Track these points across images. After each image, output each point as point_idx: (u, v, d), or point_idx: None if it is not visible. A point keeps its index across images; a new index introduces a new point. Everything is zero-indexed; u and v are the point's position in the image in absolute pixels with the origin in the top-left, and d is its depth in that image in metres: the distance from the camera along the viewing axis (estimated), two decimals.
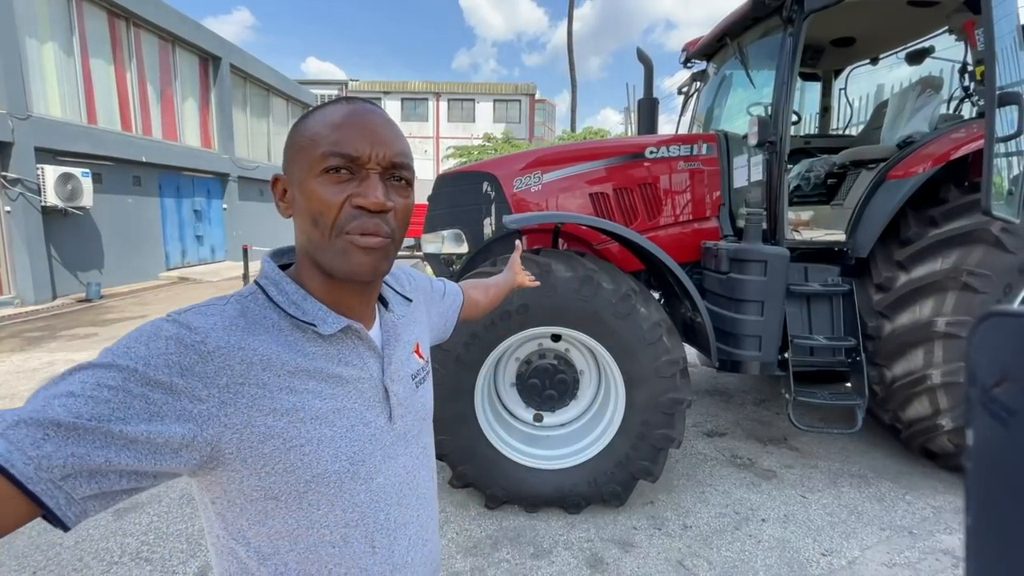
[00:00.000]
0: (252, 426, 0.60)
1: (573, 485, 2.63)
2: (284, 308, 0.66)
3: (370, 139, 0.64)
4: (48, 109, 8.62)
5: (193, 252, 12.62)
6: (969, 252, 2.72)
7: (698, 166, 3.21)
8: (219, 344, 0.59)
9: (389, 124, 0.67)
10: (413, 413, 0.78)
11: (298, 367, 0.64)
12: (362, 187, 0.64)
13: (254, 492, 0.63)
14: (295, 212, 0.67)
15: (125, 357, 0.54)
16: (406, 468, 0.76)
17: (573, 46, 21.46)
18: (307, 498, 0.65)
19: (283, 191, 0.69)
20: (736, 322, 2.77)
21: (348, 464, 0.67)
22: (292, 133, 0.68)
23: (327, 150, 0.63)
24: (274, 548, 0.66)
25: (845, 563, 2.36)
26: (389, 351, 0.75)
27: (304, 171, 0.65)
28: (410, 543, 0.76)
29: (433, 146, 28.88)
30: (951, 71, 3.69)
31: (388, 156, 0.65)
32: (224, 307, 0.63)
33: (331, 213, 0.63)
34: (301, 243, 0.68)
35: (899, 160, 3.04)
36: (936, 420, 2.81)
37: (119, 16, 10.07)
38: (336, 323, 0.67)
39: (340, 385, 0.68)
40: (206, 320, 0.60)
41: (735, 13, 3.32)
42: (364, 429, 0.69)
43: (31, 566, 2.32)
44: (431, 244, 3.34)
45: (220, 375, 0.58)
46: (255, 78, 14.84)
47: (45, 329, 6.87)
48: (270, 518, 0.64)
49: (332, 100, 0.68)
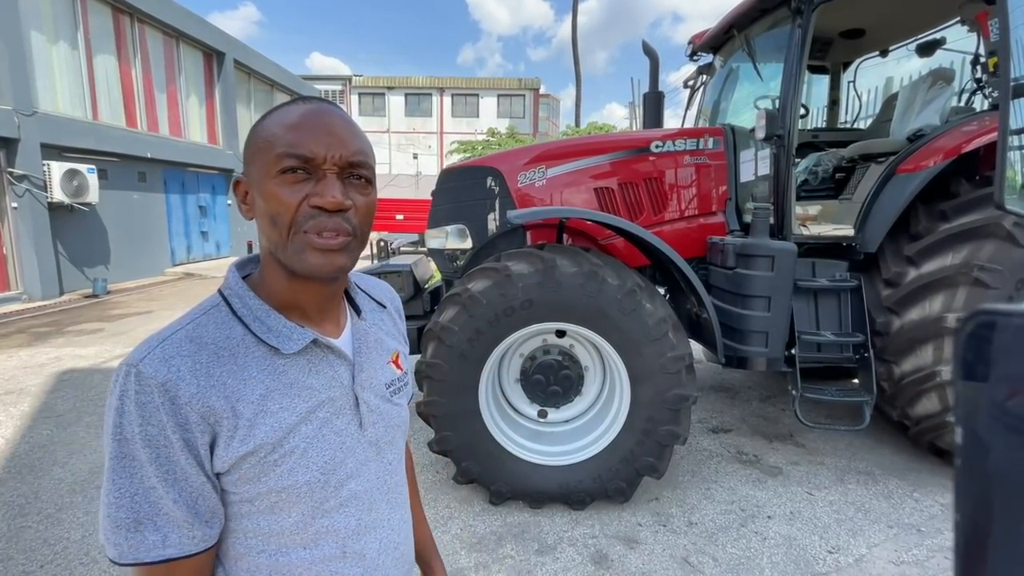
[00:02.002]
0: (231, 450, 0.63)
1: (578, 481, 2.62)
2: (248, 324, 0.66)
3: (326, 139, 0.64)
4: (53, 105, 8.65)
5: (198, 248, 12.68)
6: (980, 247, 2.68)
7: (704, 160, 3.17)
8: (191, 394, 0.60)
9: (346, 123, 0.67)
10: (386, 421, 0.78)
11: (268, 388, 0.65)
12: (319, 187, 0.64)
13: (230, 497, 0.66)
14: (256, 214, 0.67)
15: (132, 437, 0.59)
16: (378, 474, 0.77)
17: (578, 40, 21.34)
18: (278, 506, 0.67)
19: (245, 193, 0.69)
20: (742, 318, 2.75)
21: (319, 474, 0.68)
22: (250, 135, 0.68)
23: (282, 151, 0.63)
24: (246, 548, 0.68)
25: (852, 561, 2.34)
26: (361, 359, 0.75)
27: (261, 173, 0.64)
28: (381, 546, 0.77)
29: (437, 141, 28.83)
30: (962, 63, 3.63)
31: (345, 156, 0.65)
32: (180, 342, 0.63)
33: (288, 214, 0.63)
34: (263, 244, 0.68)
35: (909, 154, 3.00)
36: (945, 417, 2.78)
37: (123, 12, 10.08)
38: (301, 339, 0.68)
39: (312, 396, 0.69)
40: (169, 370, 0.60)
41: (742, 5, 3.27)
42: (335, 438, 0.70)
43: (39, 559, 2.33)
44: (435, 239, 3.32)
45: (197, 417, 0.61)
46: (259, 74, 14.85)
47: (52, 325, 6.92)
48: (244, 518, 0.67)
49: (291, 100, 0.68)
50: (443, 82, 29.06)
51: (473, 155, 18.13)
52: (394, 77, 29.30)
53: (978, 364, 0.29)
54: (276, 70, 15.69)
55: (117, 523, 0.59)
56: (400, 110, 29.26)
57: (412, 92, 29.23)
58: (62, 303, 8.19)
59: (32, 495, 2.84)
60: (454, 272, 3.27)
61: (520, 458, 2.65)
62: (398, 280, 3.15)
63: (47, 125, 8.27)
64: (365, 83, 29.29)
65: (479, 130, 25.79)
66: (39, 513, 2.68)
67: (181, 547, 0.61)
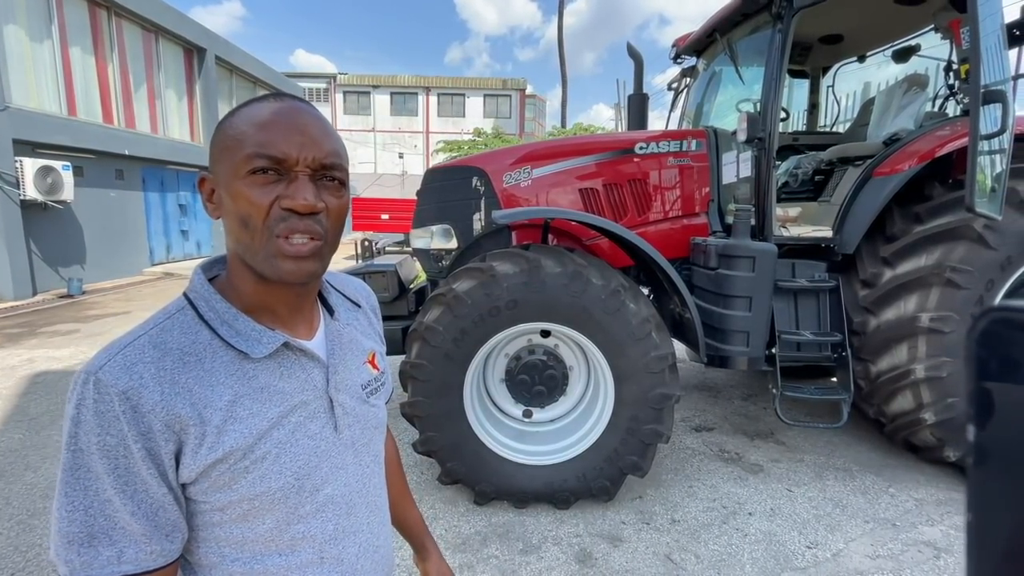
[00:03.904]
0: (199, 459, 0.60)
1: (562, 481, 2.64)
2: (215, 327, 0.64)
3: (298, 140, 0.62)
4: (26, 100, 8.41)
5: (178, 247, 12.43)
6: (953, 248, 2.76)
7: (687, 162, 3.21)
8: (154, 402, 0.58)
9: (319, 123, 0.65)
10: (363, 423, 0.76)
11: (237, 394, 0.63)
12: (290, 189, 0.62)
13: (200, 506, 0.64)
14: (223, 213, 0.64)
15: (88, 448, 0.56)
16: (356, 477, 0.75)
17: (564, 40, 21.39)
18: (251, 513, 0.65)
19: (211, 191, 0.66)
20: (724, 318, 2.79)
21: (293, 479, 0.67)
22: (217, 131, 0.65)
23: (253, 151, 0.61)
24: (220, 556, 0.66)
25: (830, 555, 2.39)
26: (335, 361, 0.73)
27: (230, 172, 0.62)
28: (360, 550, 0.75)
29: (423, 141, 28.69)
30: (936, 69, 3.73)
31: (318, 158, 0.63)
32: (143, 347, 0.60)
33: (259, 215, 0.61)
34: (230, 245, 0.66)
35: (885, 157, 3.07)
36: (919, 414, 2.85)
37: (100, 5, 9.84)
38: (271, 342, 0.66)
39: (283, 400, 0.67)
40: (131, 377, 0.58)
41: (725, 9, 3.32)
42: (308, 442, 0.68)
43: (10, 567, 2.27)
44: (420, 239, 3.30)
45: (162, 425, 0.58)
46: (241, 70, 14.61)
47: (25, 326, 6.73)
48: (217, 527, 0.65)
49: (260, 96, 0.66)
50: (429, 81, 28.95)
51: (459, 155, 18.07)
52: (380, 76, 29.10)
53: (993, 362, 0.28)
54: (259, 67, 15.45)
55: (69, 538, 0.56)
56: (386, 109, 29.06)
57: (398, 91, 29.05)
58: (35, 303, 7.96)
59: (3, 501, 2.76)
60: (439, 272, 3.26)
61: (505, 458, 2.65)
62: (383, 280, 3.13)
63: (19, 120, 8.03)
64: (350, 81, 29.04)
65: (465, 130, 25.72)
66: (10, 519, 2.61)
67: (138, 563, 0.58)
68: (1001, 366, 0.28)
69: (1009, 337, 0.28)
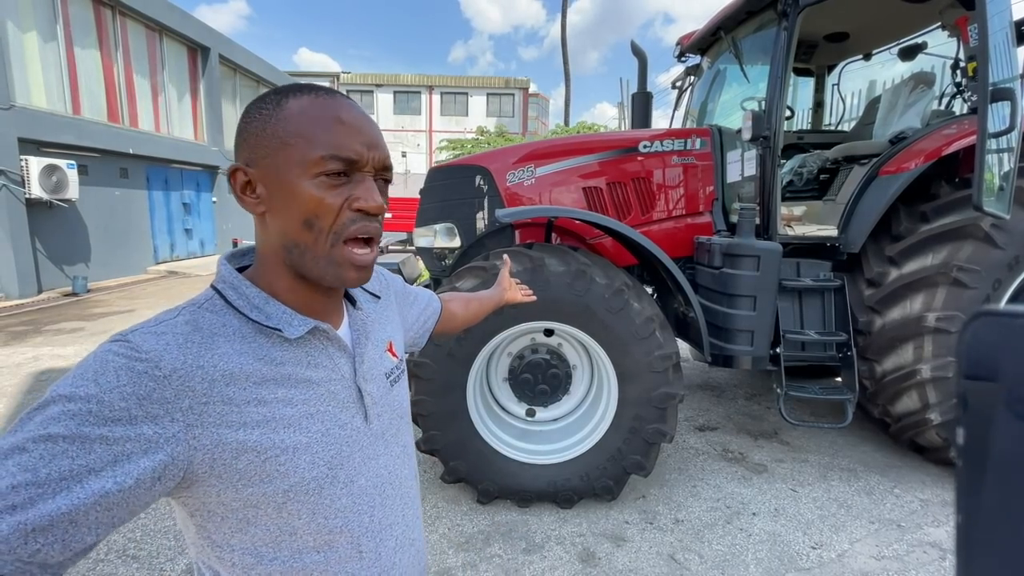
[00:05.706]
0: (223, 444, 0.57)
1: (565, 480, 2.63)
2: (245, 313, 0.63)
3: (367, 141, 0.63)
4: (31, 99, 8.45)
5: (182, 246, 12.48)
6: (959, 248, 2.73)
7: (691, 161, 3.20)
8: (175, 366, 0.55)
9: (373, 122, 0.67)
10: (390, 412, 0.77)
11: (264, 376, 0.61)
12: (359, 190, 0.62)
13: (233, 503, 0.61)
14: (273, 210, 0.62)
15: (75, 399, 0.50)
16: (387, 468, 0.75)
17: (567, 39, 21.36)
18: (287, 507, 0.63)
19: (246, 184, 0.63)
20: (728, 317, 2.77)
21: (327, 469, 0.65)
22: (263, 124, 0.61)
23: (327, 153, 0.60)
24: (257, 557, 0.64)
25: (835, 556, 2.38)
26: (360, 350, 0.73)
27: (293, 170, 0.60)
28: (397, 544, 0.75)
29: (426, 139, 28.70)
30: (943, 67, 3.70)
31: (381, 159, 0.65)
32: (175, 321, 0.59)
33: (330, 216, 0.61)
34: (274, 243, 0.64)
35: (891, 156, 3.05)
36: (925, 414, 2.83)
37: (104, 4, 9.88)
38: (302, 325, 0.64)
39: (311, 389, 0.65)
40: (157, 341, 0.56)
41: (730, 7, 3.30)
42: (340, 432, 0.67)
43: None
44: (423, 238, 3.30)
45: (181, 398, 0.55)
46: (245, 69, 14.65)
47: (30, 324, 6.76)
48: (251, 526, 0.62)
49: (300, 87, 0.63)
50: (432, 80, 28.93)
51: (462, 153, 18.07)
52: (383, 74, 29.10)
53: (982, 364, 0.29)
54: (263, 66, 15.49)
55: None
56: (389, 108, 29.07)
57: (401, 90, 29.05)
58: (40, 301, 8.01)
59: None
60: (442, 271, 3.26)
61: (508, 457, 2.64)
62: None
63: (24, 119, 8.07)
64: (353, 80, 29.05)
65: (468, 129, 25.71)
66: None
67: None
68: (989, 368, 0.29)
69: (996, 340, 0.28)
